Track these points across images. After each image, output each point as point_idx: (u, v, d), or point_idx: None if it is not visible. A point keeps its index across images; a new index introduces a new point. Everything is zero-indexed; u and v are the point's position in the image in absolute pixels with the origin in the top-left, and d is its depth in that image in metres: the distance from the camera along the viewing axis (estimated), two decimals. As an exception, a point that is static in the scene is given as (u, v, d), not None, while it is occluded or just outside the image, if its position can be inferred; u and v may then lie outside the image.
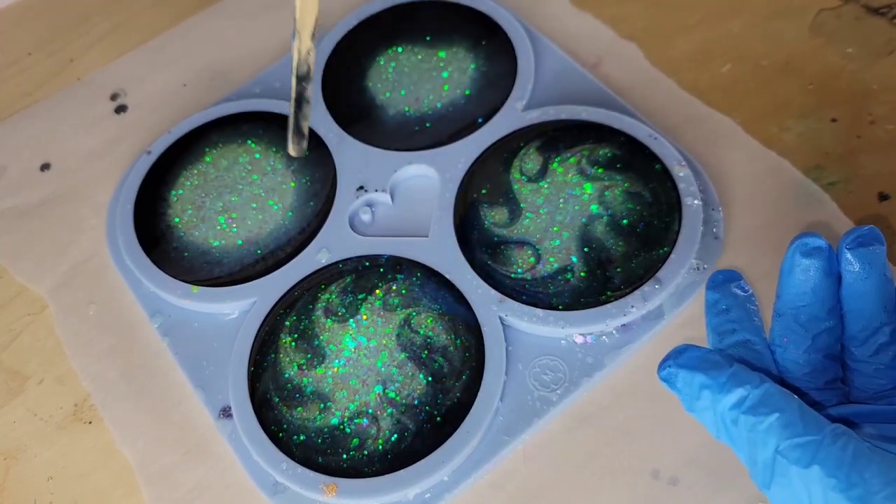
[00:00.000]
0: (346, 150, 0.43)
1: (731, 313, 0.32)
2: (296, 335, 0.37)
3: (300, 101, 0.37)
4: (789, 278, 0.30)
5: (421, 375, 0.35)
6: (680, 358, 0.29)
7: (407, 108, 0.44)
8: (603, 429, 0.35)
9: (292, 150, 0.38)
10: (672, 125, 0.42)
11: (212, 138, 0.44)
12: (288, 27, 0.51)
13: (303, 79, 0.36)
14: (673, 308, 0.36)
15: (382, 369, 0.36)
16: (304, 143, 0.38)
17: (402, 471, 0.33)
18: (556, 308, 0.36)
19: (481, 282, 0.37)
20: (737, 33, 0.46)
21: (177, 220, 0.42)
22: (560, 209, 0.39)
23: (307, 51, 0.35)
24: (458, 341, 0.36)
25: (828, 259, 0.29)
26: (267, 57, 0.49)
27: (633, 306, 0.35)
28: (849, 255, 0.29)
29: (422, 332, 0.36)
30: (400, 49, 0.46)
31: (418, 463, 0.33)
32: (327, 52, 0.47)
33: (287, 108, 0.35)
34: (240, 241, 0.41)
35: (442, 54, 0.46)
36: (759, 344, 0.31)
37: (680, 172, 0.39)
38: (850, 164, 0.40)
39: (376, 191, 0.41)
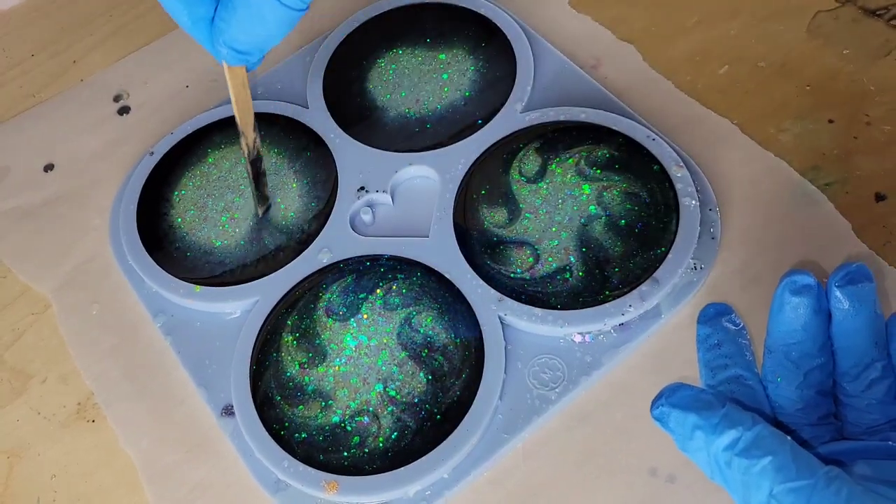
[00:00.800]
0: (347, 152, 0.43)
1: (723, 348, 0.33)
2: (297, 334, 0.37)
3: (258, 177, 0.41)
4: (779, 316, 0.30)
5: (421, 374, 0.36)
6: (672, 397, 0.28)
7: (407, 110, 0.45)
8: (601, 427, 0.35)
9: (260, 212, 0.41)
10: (670, 126, 0.43)
11: (214, 139, 0.45)
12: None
13: (256, 162, 0.40)
14: (670, 307, 0.36)
15: (383, 368, 0.36)
16: (268, 203, 0.42)
17: (402, 468, 0.33)
18: (554, 307, 0.36)
19: (481, 281, 0.37)
20: (735, 35, 0.46)
21: (179, 220, 0.42)
22: (559, 210, 0.39)
23: (253, 141, 0.39)
24: (458, 340, 0.36)
25: (817, 297, 0.29)
26: (269, 58, 0.49)
27: (630, 306, 0.36)
28: (838, 293, 0.29)
29: (422, 331, 0.37)
30: (400, 51, 0.47)
31: (418, 460, 0.33)
32: (329, 54, 0.47)
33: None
34: (242, 241, 0.41)
35: (442, 56, 0.46)
36: (751, 379, 0.32)
37: (678, 173, 0.39)
38: (847, 164, 0.40)
39: (377, 191, 0.42)
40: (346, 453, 0.34)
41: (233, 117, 0.45)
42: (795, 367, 0.30)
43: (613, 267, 0.37)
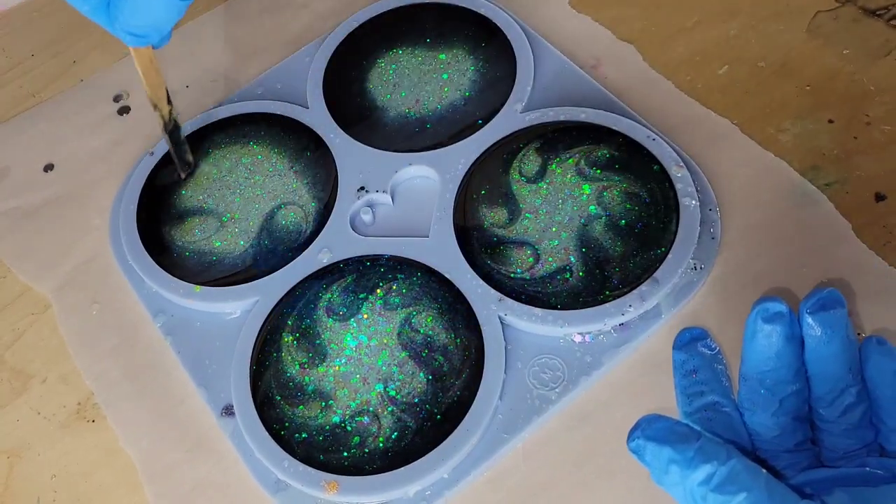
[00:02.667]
0: (348, 152, 0.43)
1: (699, 374, 0.33)
2: (297, 334, 0.37)
3: (178, 145, 0.42)
4: (752, 343, 0.30)
5: (421, 374, 0.36)
6: (648, 429, 0.28)
7: (407, 110, 0.45)
8: (601, 427, 0.35)
9: (182, 174, 0.43)
10: (670, 126, 0.43)
11: (214, 139, 0.45)
12: (289, 29, 0.51)
13: (173, 132, 0.42)
14: (670, 307, 0.36)
15: (383, 368, 0.36)
16: (191, 167, 0.43)
17: (402, 468, 0.33)
18: (554, 307, 0.36)
19: (481, 281, 0.37)
20: (734, 35, 0.46)
21: (179, 220, 0.42)
22: (559, 210, 0.39)
23: (168, 113, 0.41)
24: (458, 340, 0.36)
25: (789, 324, 0.29)
26: (268, 58, 0.49)
27: (630, 306, 0.36)
28: (810, 320, 0.29)
29: (422, 331, 0.37)
30: (400, 51, 0.47)
31: (419, 460, 0.33)
32: (329, 54, 0.47)
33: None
34: (242, 242, 0.41)
35: (442, 56, 0.46)
36: (727, 406, 0.32)
37: (678, 173, 0.39)
38: (847, 164, 0.40)
39: (377, 191, 0.42)
40: (346, 453, 0.34)
41: (233, 118, 0.45)
42: (770, 394, 0.30)
43: (613, 267, 0.37)
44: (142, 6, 0.33)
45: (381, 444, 0.34)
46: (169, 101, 0.40)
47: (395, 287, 0.38)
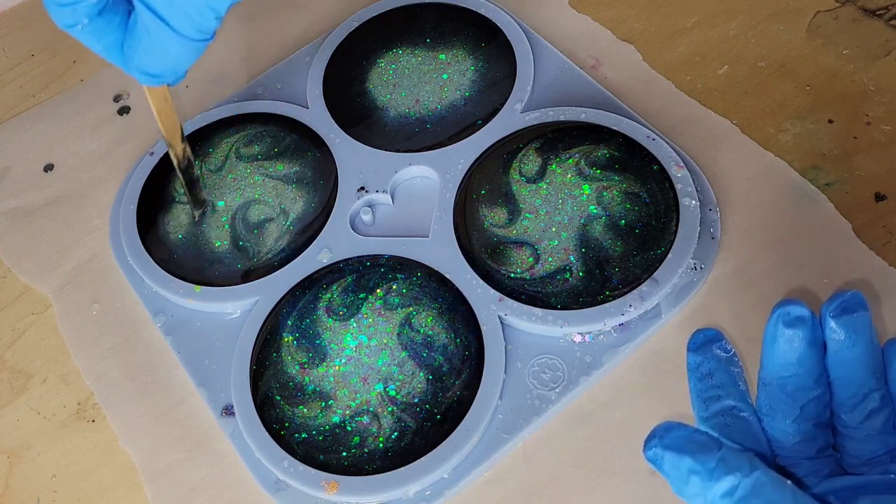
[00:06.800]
0: (347, 152, 0.43)
1: (715, 377, 0.32)
2: (297, 334, 0.37)
3: (191, 184, 0.41)
4: (773, 348, 0.29)
5: (421, 374, 0.36)
6: (665, 438, 0.27)
7: (407, 110, 0.45)
8: (601, 427, 0.35)
9: (196, 215, 0.42)
10: (670, 126, 0.43)
11: (214, 139, 0.45)
12: (289, 29, 0.51)
13: (187, 170, 0.41)
14: (670, 307, 0.36)
15: (383, 368, 0.36)
16: (204, 207, 0.42)
17: (402, 468, 0.33)
18: (554, 307, 0.36)
19: (481, 281, 0.38)
20: (734, 35, 0.46)
21: (180, 220, 0.42)
22: (559, 210, 0.39)
23: (182, 151, 0.40)
24: (458, 340, 0.36)
25: (811, 328, 0.28)
26: (269, 58, 0.49)
27: (630, 306, 0.36)
28: (833, 324, 0.28)
29: (422, 331, 0.37)
30: (400, 51, 0.47)
31: (419, 460, 0.33)
32: (329, 54, 0.47)
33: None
34: (241, 242, 0.41)
35: (442, 56, 0.46)
36: (745, 410, 0.31)
37: (677, 173, 0.39)
38: (847, 165, 0.40)
39: (377, 191, 0.42)
40: (346, 453, 0.34)
41: (233, 118, 0.45)
42: (791, 400, 0.29)
43: (613, 267, 0.37)
44: (157, 48, 0.31)
45: (380, 444, 0.34)
46: (183, 139, 0.39)
47: (395, 287, 0.38)
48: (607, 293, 0.36)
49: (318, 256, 0.40)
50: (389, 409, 0.35)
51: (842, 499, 0.27)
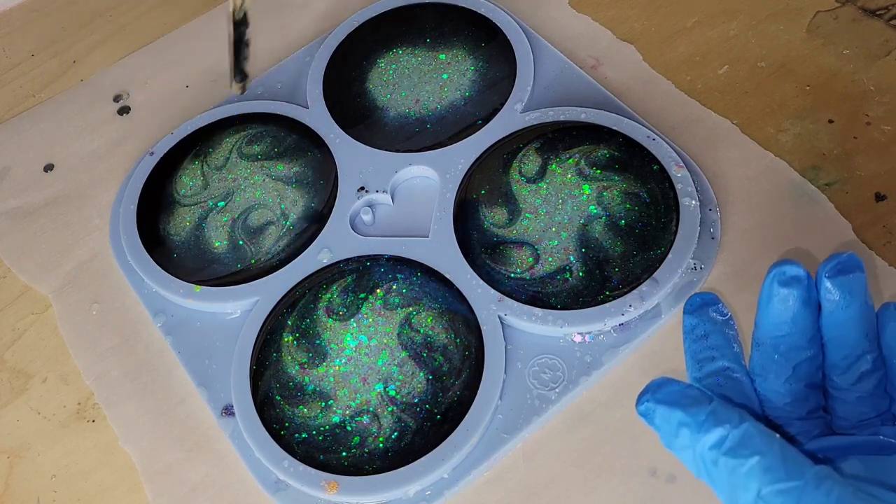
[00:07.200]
0: (347, 152, 0.43)
1: (710, 339, 0.32)
2: (297, 334, 0.37)
3: (239, 44, 0.39)
4: (767, 308, 0.29)
5: (421, 374, 0.36)
6: (658, 392, 0.28)
7: (407, 110, 0.45)
8: (601, 427, 0.35)
9: (235, 88, 0.40)
10: (670, 126, 0.43)
11: (214, 139, 0.45)
12: (289, 29, 0.51)
13: (240, 24, 0.39)
14: (670, 307, 0.36)
15: (383, 368, 0.36)
16: (246, 83, 0.40)
17: (402, 468, 0.33)
18: (554, 307, 0.36)
19: (481, 281, 0.38)
20: (734, 35, 0.46)
21: (179, 220, 0.42)
22: (559, 210, 0.39)
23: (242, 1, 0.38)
24: (458, 340, 0.36)
25: (807, 288, 0.29)
26: (269, 58, 0.49)
27: (630, 306, 0.36)
28: (828, 284, 0.28)
29: (422, 331, 0.37)
30: (400, 51, 0.47)
31: (419, 460, 0.33)
32: (329, 54, 0.47)
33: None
34: (241, 242, 0.41)
35: (442, 56, 0.46)
36: (738, 371, 0.31)
37: (677, 173, 0.39)
38: (847, 164, 0.40)
39: (377, 191, 0.42)
40: (345, 453, 0.34)
41: (233, 118, 0.45)
42: (784, 360, 0.29)
43: (613, 267, 0.37)
44: None
45: (380, 444, 0.34)
46: None
47: (395, 287, 0.38)
48: (607, 293, 0.36)
49: (318, 256, 0.40)
50: (389, 409, 0.35)
51: (831, 456, 0.27)
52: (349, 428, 0.35)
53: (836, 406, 0.30)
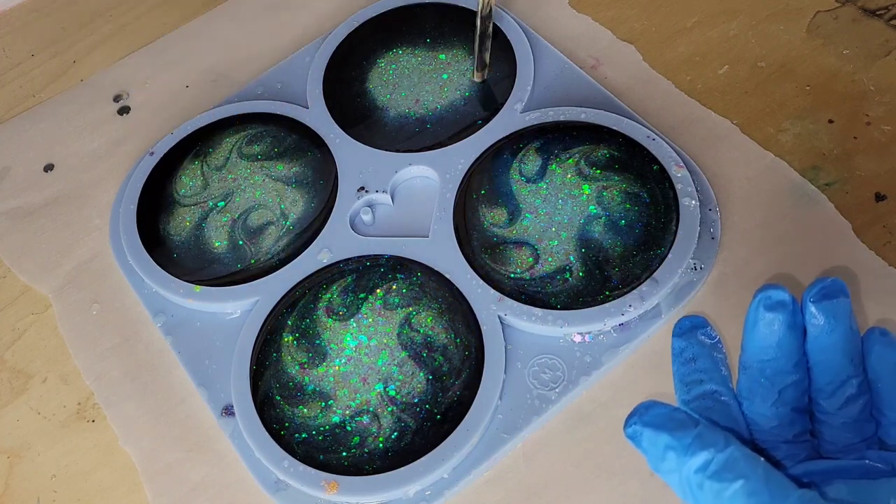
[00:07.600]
0: (347, 152, 0.43)
1: (698, 362, 0.32)
2: (297, 334, 0.37)
3: (483, 37, 0.42)
4: (753, 332, 0.29)
5: (421, 374, 0.36)
6: (646, 415, 0.28)
7: (407, 110, 0.45)
8: (601, 427, 0.35)
9: (476, 76, 0.44)
10: (669, 126, 0.43)
11: (214, 139, 0.45)
12: (289, 29, 0.51)
13: (485, 18, 0.41)
14: (670, 307, 0.36)
15: (383, 368, 0.36)
16: (486, 72, 0.44)
17: (402, 468, 0.33)
18: (554, 307, 0.36)
19: (481, 281, 0.38)
20: (734, 35, 0.46)
21: (179, 220, 0.42)
22: (559, 210, 0.39)
23: None
24: (458, 340, 0.36)
25: (792, 313, 0.29)
26: (269, 58, 0.49)
27: (630, 306, 0.36)
28: (813, 309, 0.29)
29: (422, 331, 0.37)
30: (400, 51, 0.47)
31: (418, 460, 0.33)
32: (329, 54, 0.47)
33: None
34: (241, 242, 0.41)
35: (442, 56, 0.46)
36: (726, 395, 0.31)
37: (677, 173, 0.39)
38: (847, 164, 0.40)
39: (377, 191, 0.42)
40: (345, 453, 0.34)
41: (233, 118, 0.45)
42: (770, 384, 0.30)
43: (613, 267, 0.37)
44: None
45: (380, 444, 0.34)
46: None
47: (394, 287, 0.38)
48: (607, 293, 0.36)
49: (318, 256, 0.40)
50: (389, 409, 0.35)
51: (816, 481, 0.27)
52: (349, 428, 0.35)
53: (822, 430, 0.30)
